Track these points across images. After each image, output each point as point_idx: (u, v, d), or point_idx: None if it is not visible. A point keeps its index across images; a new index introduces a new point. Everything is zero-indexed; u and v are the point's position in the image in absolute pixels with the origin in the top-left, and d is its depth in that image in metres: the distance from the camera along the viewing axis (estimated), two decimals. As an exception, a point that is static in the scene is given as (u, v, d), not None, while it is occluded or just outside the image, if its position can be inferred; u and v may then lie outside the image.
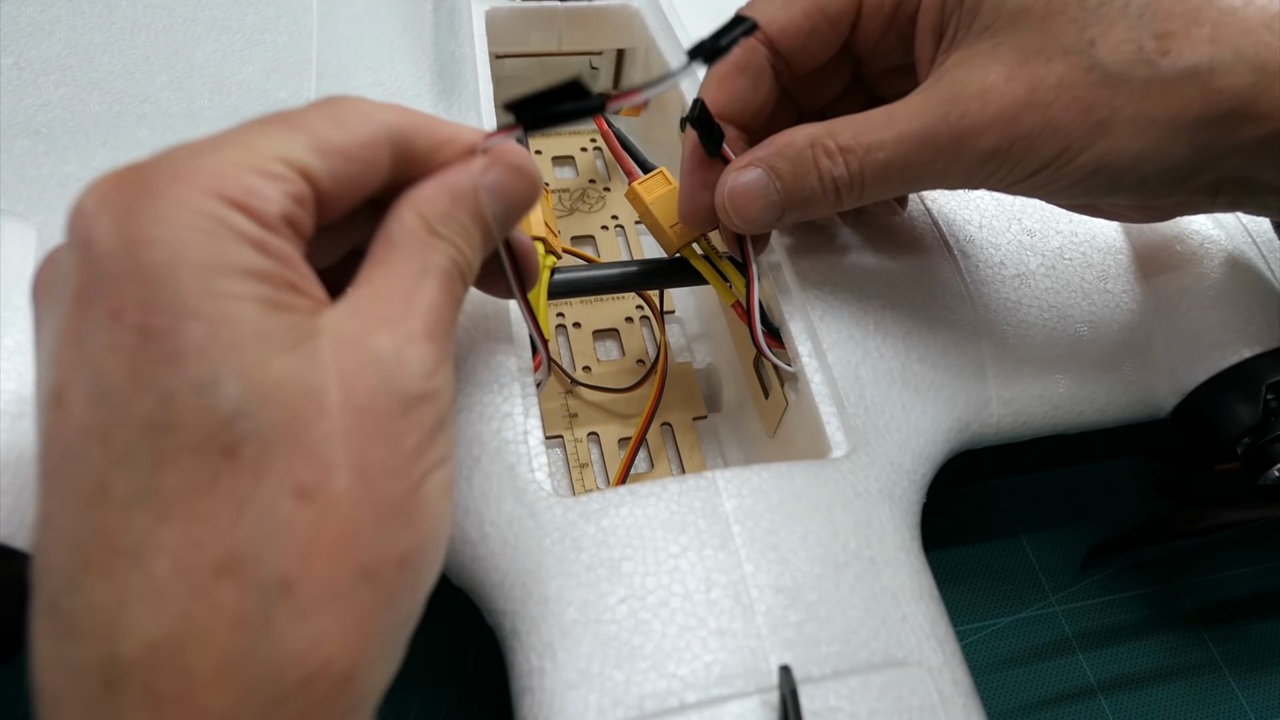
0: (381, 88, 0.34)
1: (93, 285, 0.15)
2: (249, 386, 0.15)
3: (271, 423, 0.15)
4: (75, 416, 0.15)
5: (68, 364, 0.15)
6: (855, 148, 0.24)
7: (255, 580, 0.15)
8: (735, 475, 0.23)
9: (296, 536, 0.15)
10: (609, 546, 0.22)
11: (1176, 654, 0.34)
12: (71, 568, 0.15)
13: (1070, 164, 0.22)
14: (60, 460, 0.15)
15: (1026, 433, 0.29)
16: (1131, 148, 0.22)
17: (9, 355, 0.24)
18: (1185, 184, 0.23)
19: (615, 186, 0.40)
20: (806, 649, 0.21)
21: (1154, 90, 0.21)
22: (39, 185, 0.28)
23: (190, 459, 0.15)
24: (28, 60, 0.32)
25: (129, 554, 0.15)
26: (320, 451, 0.16)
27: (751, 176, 0.25)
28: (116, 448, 0.15)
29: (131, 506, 0.15)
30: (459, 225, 0.19)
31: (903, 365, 0.27)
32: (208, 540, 0.15)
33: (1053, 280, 0.30)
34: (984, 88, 0.22)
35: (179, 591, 0.15)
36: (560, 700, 0.20)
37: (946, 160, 0.23)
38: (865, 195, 0.25)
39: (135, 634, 0.14)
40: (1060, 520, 0.37)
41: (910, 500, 0.25)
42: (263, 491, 0.15)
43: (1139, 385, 0.30)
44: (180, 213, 0.15)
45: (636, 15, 0.39)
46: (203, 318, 0.15)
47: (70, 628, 0.15)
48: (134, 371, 0.15)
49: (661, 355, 0.33)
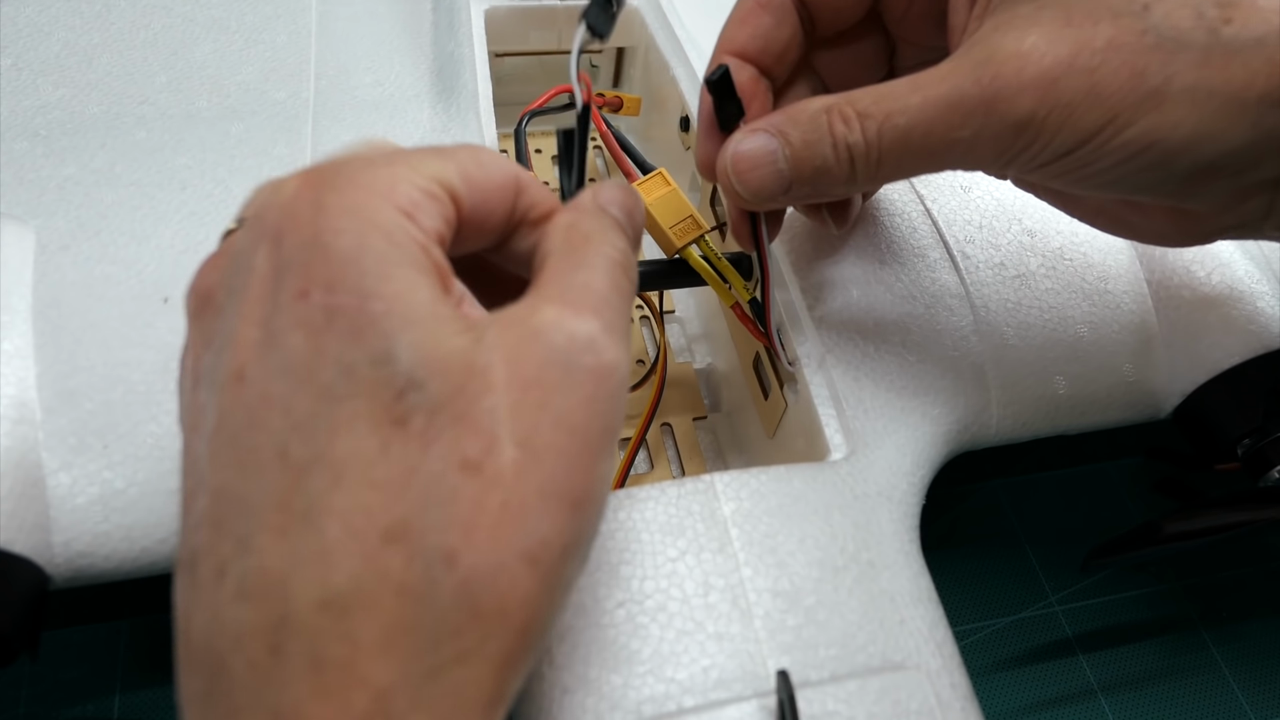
0: (380, 87, 0.34)
1: (283, 269, 0.16)
2: (421, 359, 0.16)
3: (440, 395, 0.16)
4: (256, 389, 0.16)
5: (250, 343, 0.16)
6: (874, 113, 0.21)
7: (421, 549, 0.15)
8: (733, 478, 0.23)
9: (462, 509, 0.15)
10: (606, 550, 0.22)
11: (1177, 655, 0.34)
12: (245, 530, 0.15)
13: (1116, 138, 0.20)
14: (238, 430, 0.16)
15: (1026, 434, 0.29)
16: (1187, 123, 0.19)
17: (8, 360, 0.24)
18: (1240, 178, 0.20)
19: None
20: (804, 653, 0.21)
21: (1216, 59, 0.19)
22: (38, 188, 0.28)
23: (364, 426, 0.15)
24: (26, 61, 0.32)
25: (303, 515, 0.15)
26: (486, 425, 0.16)
27: (758, 141, 0.23)
28: (296, 415, 0.15)
29: (307, 470, 0.15)
30: (602, 230, 0.19)
31: (902, 367, 0.27)
32: (377, 506, 0.15)
33: (1053, 281, 0.30)
34: (1021, 49, 0.20)
35: (349, 554, 0.15)
36: (558, 705, 0.20)
37: (975, 127, 0.20)
38: (884, 168, 0.22)
39: (306, 594, 0.15)
40: (1060, 520, 0.37)
41: (909, 503, 0.25)
42: (430, 462, 0.15)
43: (1139, 386, 0.30)
44: (365, 209, 0.16)
45: (636, 14, 0.38)
46: (383, 297, 0.16)
47: (240, 589, 0.15)
48: (317, 346, 0.16)
49: (661, 356, 0.33)
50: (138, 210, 0.28)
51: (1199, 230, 0.23)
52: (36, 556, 0.22)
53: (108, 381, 0.24)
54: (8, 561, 0.22)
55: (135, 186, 0.29)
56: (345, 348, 0.16)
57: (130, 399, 0.24)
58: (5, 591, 0.22)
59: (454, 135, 0.33)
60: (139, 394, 0.24)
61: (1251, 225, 0.22)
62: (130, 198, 0.28)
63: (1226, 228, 0.22)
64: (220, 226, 0.28)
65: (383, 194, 0.17)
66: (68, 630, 0.30)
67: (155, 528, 0.23)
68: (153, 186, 0.29)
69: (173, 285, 0.26)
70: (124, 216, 0.28)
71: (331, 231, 0.16)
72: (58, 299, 0.26)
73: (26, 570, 0.22)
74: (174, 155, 0.30)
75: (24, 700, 0.29)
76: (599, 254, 0.19)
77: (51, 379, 0.24)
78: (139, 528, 0.23)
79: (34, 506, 0.22)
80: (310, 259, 0.16)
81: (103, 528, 0.23)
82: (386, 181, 0.17)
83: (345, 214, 0.16)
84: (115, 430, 0.24)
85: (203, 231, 0.28)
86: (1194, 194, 0.21)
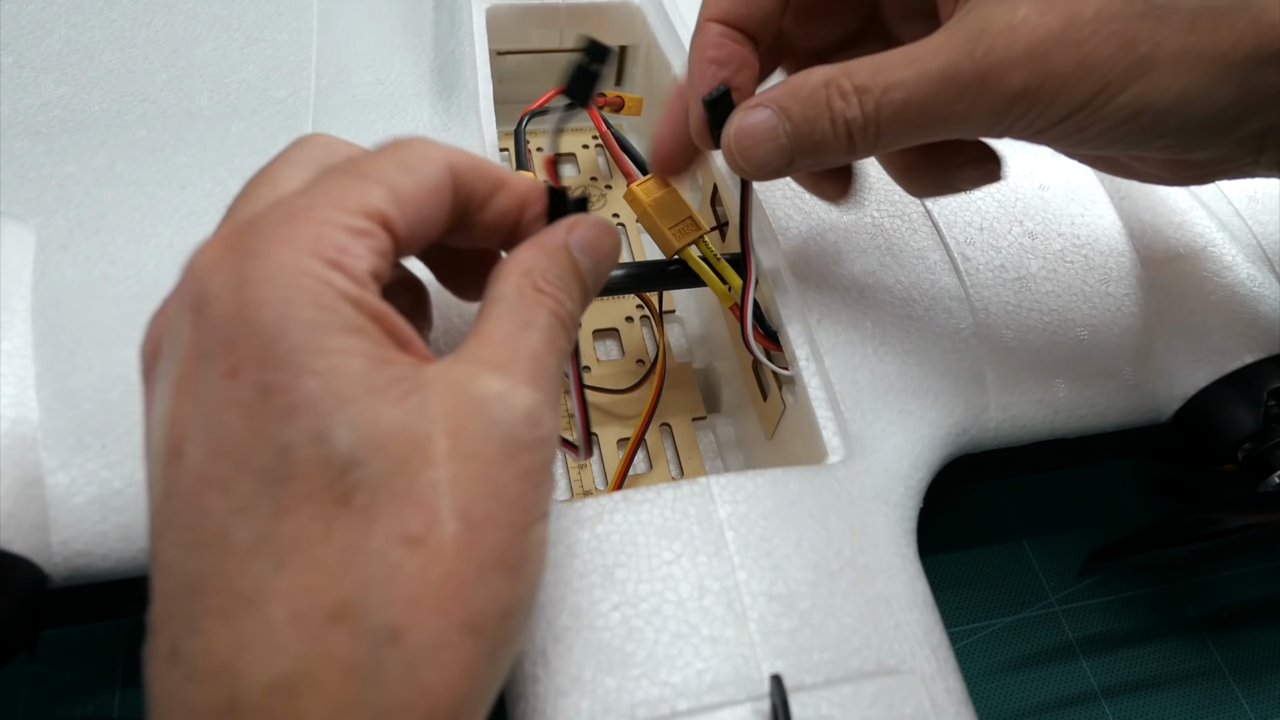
0: (381, 86, 0.34)
1: (209, 344, 0.16)
2: (360, 437, 0.16)
3: (381, 472, 0.16)
4: (193, 468, 0.16)
5: (184, 418, 0.16)
6: (872, 87, 0.22)
7: (366, 628, 0.15)
8: (729, 481, 0.23)
9: (405, 585, 0.16)
10: (602, 553, 0.22)
11: (1179, 659, 0.34)
12: (192, 612, 0.15)
13: (1107, 105, 0.20)
14: (179, 509, 0.16)
15: (1025, 437, 0.29)
16: (1175, 87, 0.20)
17: (7, 359, 0.24)
18: (1229, 133, 0.21)
19: (617, 184, 0.40)
20: (799, 656, 0.21)
21: (1202, 23, 0.19)
22: (38, 187, 0.28)
23: (307, 507, 0.15)
24: (28, 59, 0.32)
25: (247, 599, 0.15)
26: (428, 499, 0.16)
27: (760, 116, 0.23)
28: (236, 498, 0.15)
29: (250, 553, 0.15)
30: (558, 280, 0.20)
31: (900, 369, 0.27)
32: (321, 587, 0.15)
33: (1054, 283, 0.30)
34: (1013, 22, 0.20)
35: (295, 637, 0.15)
36: (552, 707, 0.20)
37: (970, 101, 0.21)
38: (881, 140, 0.22)
39: (253, 677, 0.15)
40: (1060, 520, 0.37)
41: (906, 506, 0.25)
42: (373, 539, 0.16)
43: (1140, 390, 0.29)
44: (286, 274, 0.16)
45: (638, 12, 0.38)
46: (316, 373, 0.16)
47: (191, 670, 0.15)
48: (253, 426, 0.15)
49: (661, 356, 0.33)
50: (138, 209, 0.28)
51: (1193, 174, 0.24)
52: (35, 556, 0.22)
53: (106, 381, 0.24)
54: (6, 561, 0.22)
55: (135, 185, 0.29)
56: (281, 428, 0.15)
57: (129, 399, 0.24)
58: (3, 591, 0.22)
59: (454, 134, 0.33)
60: (137, 394, 0.24)
61: (1245, 167, 0.22)
62: (130, 197, 0.28)
63: (1219, 172, 0.23)
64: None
65: (306, 249, 0.16)
66: (68, 630, 0.30)
67: (153, 528, 0.23)
68: (153, 185, 0.29)
69: (172, 285, 0.26)
70: (124, 216, 0.28)
71: (255, 304, 0.16)
72: (57, 298, 0.26)
73: (25, 569, 0.22)
74: (174, 154, 0.30)
75: (24, 700, 0.29)
76: (547, 311, 0.19)
77: (50, 378, 0.24)
78: (137, 527, 0.23)
79: (32, 506, 0.23)
80: (236, 334, 0.16)
81: (101, 527, 0.23)
82: (309, 231, 0.16)
83: (267, 283, 0.16)
84: (114, 430, 0.24)
85: (202, 231, 0.28)
86: (1186, 148, 0.22)
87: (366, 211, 0.17)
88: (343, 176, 0.18)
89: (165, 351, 0.17)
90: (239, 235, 0.17)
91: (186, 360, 0.16)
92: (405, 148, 0.19)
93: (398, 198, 0.18)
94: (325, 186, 0.18)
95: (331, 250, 0.16)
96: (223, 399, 0.16)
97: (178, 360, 0.16)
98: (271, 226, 0.17)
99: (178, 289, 0.17)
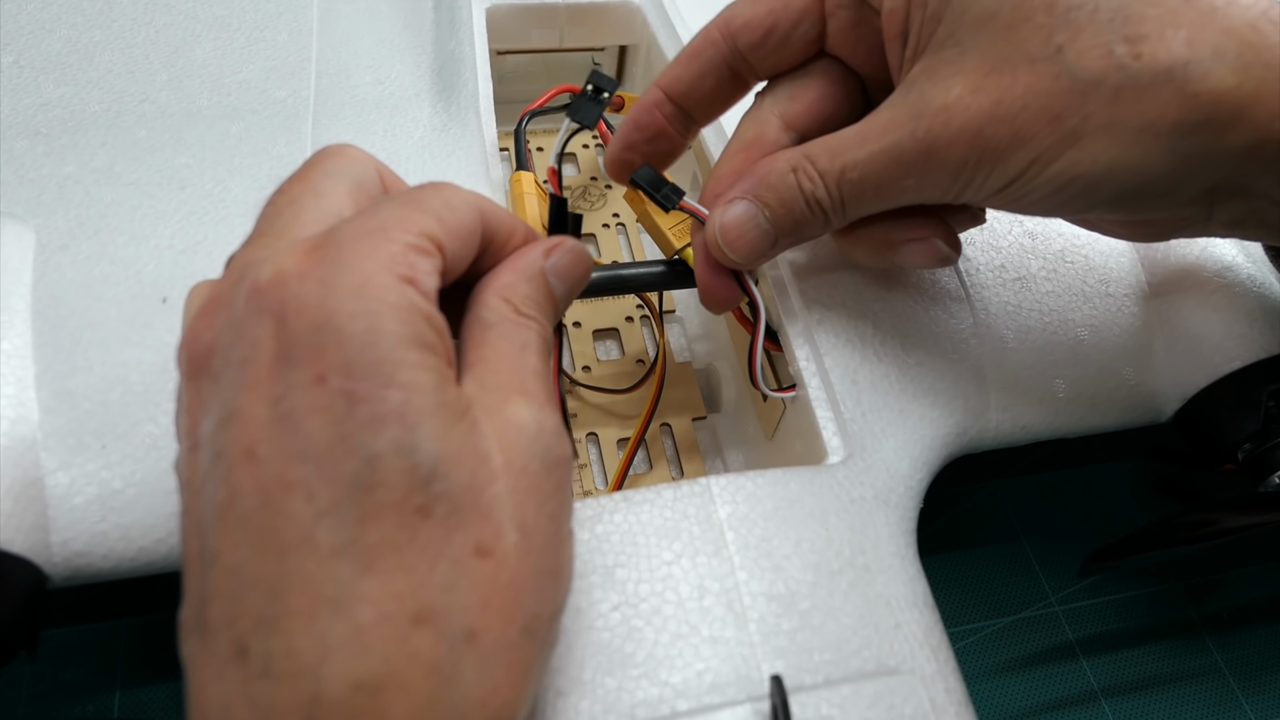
0: (381, 86, 0.34)
1: (294, 350, 0.16)
2: (439, 452, 0.16)
3: (459, 485, 0.17)
4: (273, 471, 0.16)
5: (259, 422, 0.16)
6: (831, 170, 0.24)
7: (446, 630, 0.16)
8: (729, 481, 0.23)
9: (478, 591, 0.17)
10: (602, 553, 0.22)
11: (1179, 659, 0.34)
12: (269, 612, 0.16)
13: (1041, 174, 0.21)
14: (253, 510, 0.16)
15: (1025, 438, 0.29)
16: (1104, 157, 0.21)
17: (7, 360, 0.24)
18: (1171, 197, 0.22)
19: (617, 184, 0.40)
20: (799, 657, 0.21)
21: (1127, 96, 0.20)
22: (38, 187, 0.28)
23: (391, 515, 0.16)
24: (28, 59, 0.32)
25: (332, 601, 0.16)
26: (494, 512, 0.17)
27: (739, 209, 0.25)
28: (321, 502, 0.16)
29: (336, 557, 0.16)
30: (537, 304, 0.21)
31: (900, 370, 0.27)
32: (406, 592, 0.16)
33: (1054, 284, 0.30)
34: (948, 102, 0.21)
35: (381, 638, 0.16)
36: (552, 708, 0.20)
37: (918, 175, 0.23)
38: (849, 214, 0.24)
39: (339, 677, 0.15)
40: (1061, 520, 0.37)
41: (906, 506, 0.25)
42: (451, 548, 0.16)
43: (1140, 390, 0.29)
44: (373, 287, 0.17)
45: (638, 12, 0.38)
46: (401, 385, 0.16)
47: (266, 669, 0.16)
48: (340, 433, 0.16)
49: (661, 356, 0.33)
50: (137, 210, 0.28)
51: (1151, 232, 0.24)
52: (34, 556, 0.22)
53: (106, 382, 0.24)
54: (6, 561, 0.22)
55: (135, 185, 0.29)
56: (369, 437, 0.16)
57: (128, 399, 0.24)
58: (3, 591, 0.22)
59: (454, 134, 0.33)
60: (137, 394, 0.24)
61: (1199, 226, 0.23)
62: (130, 197, 0.28)
63: (1174, 231, 0.24)
64: (219, 226, 0.28)
65: (385, 265, 0.17)
66: (68, 630, 0.30)
67: (153, 528, 0.23)
68: (152, 186, 0.29)
69: (171, 285, 0.26)
70: (123, 216, 0.28)
71: (345, 315, 0.16)
72: (57, 299, 0.26)
73: (24, 570, 0.22)
74: (174, 154, 0.30)
75: (24, 700, 0.29)
76: (535, 334, 0.20)
77: (50, 379, 0.24)
78: (137, 528, 0.23)
79: (32, 506, 0.23)
80: (324, 343, 0.16)
81: (100, 527, 0.23)
82: (386, 251, 0.17)
83: (355, 295, 0.17)
84: (113, 430, 0.24)
85: (202, 231, 0.28)
86: (1131, 212, 0.23)
87: (427, 234, 0.18)
88: (404, 205, 0.19)
89: (226, 354, 0.17)
90: (323, 247, 0.17)
91: (264, 365, 0.17)
92: (446, 188, 0.20)
93: (446, 228, 0.19)
94: (390, 211, 0.18)
95: (405, 268, 0.17)
96: (307, 405, 0.16)
97: (249, 363, 0.17)
98: (354, 241, 0.17)
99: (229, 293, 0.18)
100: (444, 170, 0.31)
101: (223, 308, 0.18)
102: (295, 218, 0.19)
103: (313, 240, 0.18)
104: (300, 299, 0.17)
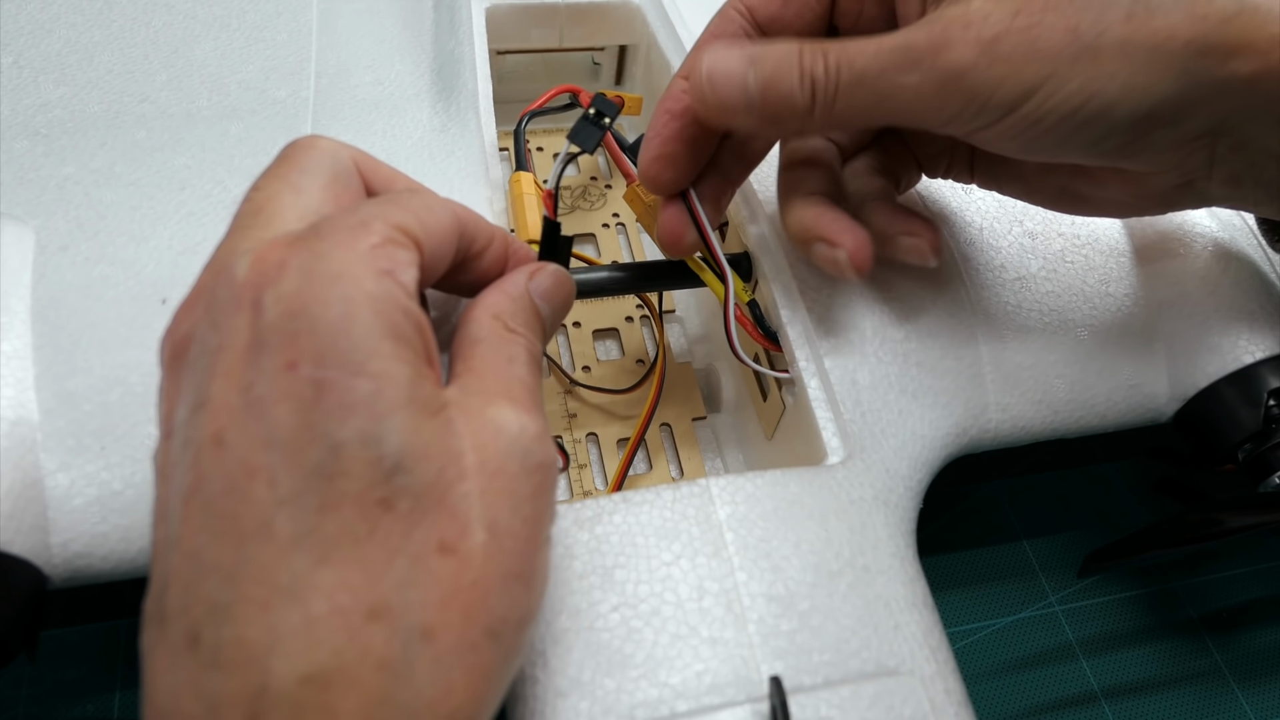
0: (380, 86, 0.34)
1: (267, 336, 0.16)
2: (406, 444, 0.16)
3: (423, 480, 0.16)
4: (238, 457, 0.16)
5: (228, 408, 0.16)
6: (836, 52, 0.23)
7: (400, 627, 0.16)
8: (729, 482, 0.23)
9: (438, 589, 0.16)
10: (602, 554, 0.22)
11: (1179, 659, 0.34)
12: (222, 600, 0.16)
13: (1057, 93, 0.21)
14: (216, 495, 0.16)
15: (1025, 438, 0.29)
16: (1120, 75, 0.21)
17: (7, 361, 0.24)
18: (1175, 128, 0.22)
19: (617, 184, 0.40)
20: (798, 657, 0.21)
21: (1140, 13, 0.20)
22: (38, 188, 0.28)
23: (352, 507, 0.16)
24: (28, 59, 0.32)
25: (287, 591, 0.15)
26: (460, 510, 0.17)
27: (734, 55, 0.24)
28: (282, 490, 0.16)
29: (293, 546, 0.16)
30: (524, 322, 0.21)
31: (900, 370, 0.27)
32: (362, 585, 0.16)
33: (1054, 284, 0.30)
34: (968, 12, 0.21)
35: (333, 631, 0.15)
36: (551, 708, 0.20)
37: (922, 72, 0.22)
38: (838, 106, 0.23)
39: (287, 669, 0.15)
40: (1061, 520, 0.37)
41: (906, 507, 0.25)
42: (412, 544, 0.16)
43: (1140, 390, 0.29)
44: (351, 276, 0.17)
45: (638, 12, 0.38)
46: (371, 375, 0.16)
47: (215, 658, 0.15)
48: (306, 421, 0.16)
49: (661, 356, 0.33)
50: (137, 210, 0.28)
51: (1151, 192, 0.25)
52: (34, 557, 0.22)
53: (106, 383, 0.24)
54: (6, 562, 0.22)
55: (134, 186, 0.29)
56: (334, 426, 0.16)
57: (128, 400, 0.24)
58: (3, 592, 0.22)
59: (453, 134, 0.33)
60: (137, 395, 0.24)
61: (1199, 185, 0.23)
62: (129, 197, 0.28)
63: (1176, 188, 0.24)
64: (219, 227, 0.28)
65: (364, 256, 0.17)
66: (68, 630, 0.30)
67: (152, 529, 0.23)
68: (152, 186, 0.29)
69: (171, 286, 0.26)
70: (123, 217, 0.28)
71: (320, 303, 0.16)
72: (56, 300, 0.26)
73: (24, 571, 0.22)
74: (173, 155, 0.30)
75: (24, 700, 0.29)
76: (523, 349, 0.20)
77: (50, 380, 0.24)
78: (136, 529, 0.23)
79: (32, 507, 0.23)
80: (297, 329, 0.16)
81: (100, 529, 0.23)
82: (365, 241, 0.17)
83: (333, 283, 0.17)
84: (113, 432, 0.24)
85: (201, 232, 0.28)
86: (1137, 149, 0.22)
87: (405, 229, 0.18)
88: (383, 203, 0.19)
89: (202, 341, 0.17)
90: (304, 240, 0.17)
91: (238, 351, 0.16)
92: (423, 192, 0.20)
93: (426, 229, 0.19)
94: (370, 207, 0.18)
95: (385, 260, 0.17)
96: (277, 391, 0.16)
97: (223, 350, 0.17)
98: (334, 233, 0.17)
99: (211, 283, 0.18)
100: (444, 170, 0.31)
101: (203, 298, 0.18)
102: (276, 214, 0.19)
103: (293, 233, 0.18)
104: (278, 288, 0.17)
